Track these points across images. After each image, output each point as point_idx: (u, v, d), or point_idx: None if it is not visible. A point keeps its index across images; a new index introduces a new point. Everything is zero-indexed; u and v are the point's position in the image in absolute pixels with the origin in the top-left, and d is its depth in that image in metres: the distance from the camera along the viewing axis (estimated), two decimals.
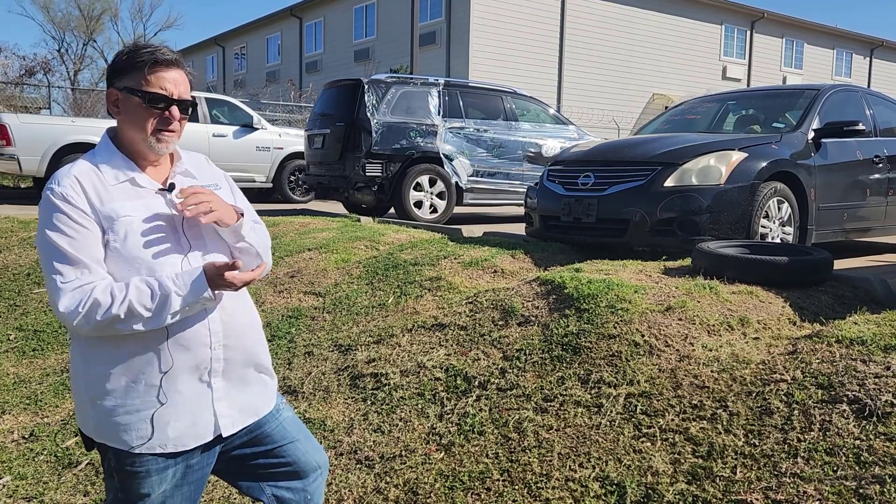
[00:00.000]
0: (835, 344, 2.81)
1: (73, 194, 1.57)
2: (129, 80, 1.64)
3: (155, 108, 1.63)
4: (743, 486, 2.26)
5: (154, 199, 1.66)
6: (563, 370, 3.14)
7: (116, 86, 1.66)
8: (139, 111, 1.64)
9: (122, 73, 1.65)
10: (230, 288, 1.61)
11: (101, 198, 1.60)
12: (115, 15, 38.51)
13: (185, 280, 1.56)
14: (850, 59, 30.75)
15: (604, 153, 5.46)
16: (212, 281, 1.58)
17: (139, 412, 1.63)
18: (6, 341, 4.93)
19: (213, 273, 1.58)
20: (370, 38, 24.86)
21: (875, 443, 2.25)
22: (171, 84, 1.65)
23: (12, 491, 3.10)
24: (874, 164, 5.80)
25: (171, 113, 1.66)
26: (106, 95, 1.69)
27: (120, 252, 1.59)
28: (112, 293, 1.53)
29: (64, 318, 1.54)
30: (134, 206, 1.62)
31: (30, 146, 9.02)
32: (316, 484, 1.94)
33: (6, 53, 19.73)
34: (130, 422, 1.63)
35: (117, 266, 1.59)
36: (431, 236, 5.92)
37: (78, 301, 1.52)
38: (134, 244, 1.59)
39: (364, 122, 8.01)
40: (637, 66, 24.25)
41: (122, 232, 1.59)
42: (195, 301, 1.57)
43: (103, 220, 1.59)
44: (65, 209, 1.56)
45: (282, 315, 4.59)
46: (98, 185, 1.61)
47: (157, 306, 1.54)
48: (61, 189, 1.57)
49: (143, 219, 1.62)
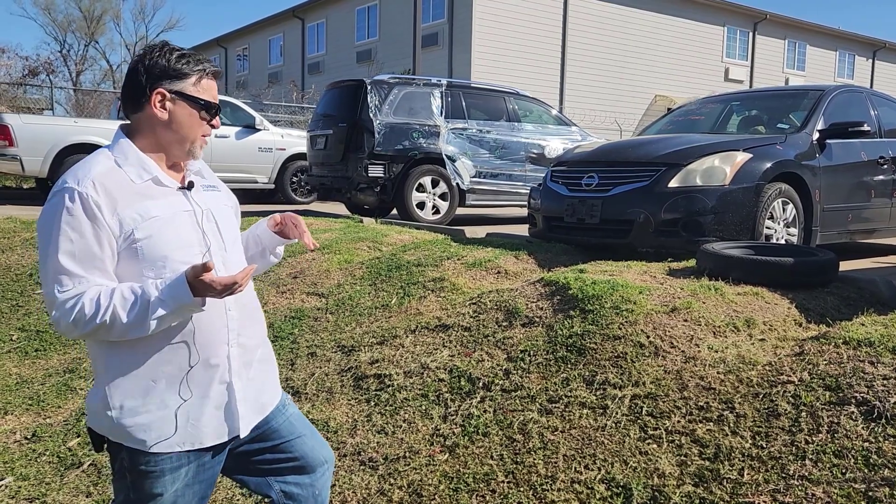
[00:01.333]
0: (842, 345, 2.79)
1: (94, 196, 1.53)
2: (181, 85, 1.66)
3: (206, 115, 1.70)
4: (750, 488, 2.25)
5: (176, 197, 1.67)
6: (568, 371, 3.13)
7: (167, 87, 1.64)
8: (194, 118, 1.68)
9: (170, 74, 1.64)
10: (212, 292, 1.53)
11: (125, 198, 1.57)
12: (117, 16, 38.60)
13: (168, 286, 1.53)
14: (852, 61, 30.70)
15: (608, 154, 5.45)
16: (194, 285, 1.52)
17: (159, 411, 1.63)
18: (9, 342, 4.92)
19: (192, 277, 1.53)
20: (372, 40, 24.87)
21: (884, 445, 2.23)
22: (216, 93, 1.74)
23: (14, 492, 3.09)
24: (879, 165, 5.78)
25: (216, 122, 1.75)
26: (145, 93, 1.63)
27: (144, 252, 1.58)
28: (99, 301, 1.51)
29: (55, 324, 1.55)
30: (158, 206, 1.62)
31: (32, 147, 9.02)
32: (323, 479, 1.96)
33: (9, 54, 19.74)
34: (149, 421, 1.63)
35: (138, 266, 1.57)
36: (434, 237, 5.91)
37: (70, 309, 1.52)
38: (161, 243, 1.59)
39: (366, 123, 8.00)
40: (639, 68, 24.23)
41: (149, 231, 1.58)
42: (177, 306, 1.53)
43: (128, 221, 1.56)
44: (77, 213, 1.52)
45: (285, 316, 4.57)
46: (122, 183, 1.59)
47: (139, 313, 1.52)
48: (81, 190, 1.53)
49: (169, 218, 1.62)
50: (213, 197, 1.79)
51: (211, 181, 1.84)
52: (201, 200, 1.72)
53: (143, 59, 1.66)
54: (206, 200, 1.75)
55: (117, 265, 1.58)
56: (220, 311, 1.67)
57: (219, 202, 1.80)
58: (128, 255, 1.57)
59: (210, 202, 1.75)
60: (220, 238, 1.72)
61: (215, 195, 1.80)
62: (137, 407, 1.62)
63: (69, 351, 4.64)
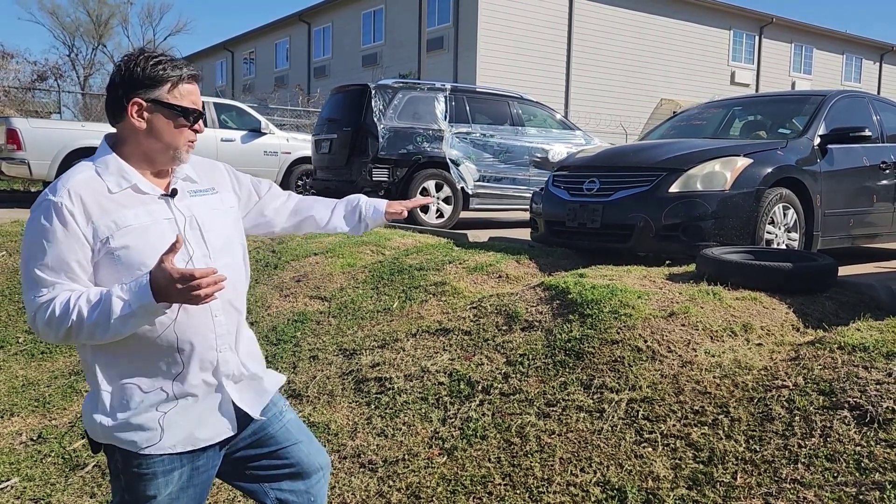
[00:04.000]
0: (837, 350, 2.81)
1: (68, 205, 1.56)
2: (157, 93, 1.64)
3: (191, 122, 1.68)
4: (743, 491, 2.27)
5: (157, 205, 1.67)
6: (566, 375, 3.15)
7: (142, 97, 1.63)
8: (174, 125, 1.66)
9: (149, 84, 1.63)
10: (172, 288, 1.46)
11: (101, 206, 1.59)
12: (124, 20, 38.85)
13: (131, 286, 1.51)
14: (859, 65, 30.61)
15: (609, 158, 5.47)
16: (157, 281, 1.47)
17: (149, 414, 1.66)
18: (15, 344, 4.98)
19: (157, 273, 1.47)
20: (378, 44, 24.95)
21: (876, 449, 2.25)
22: (196, 97, 1.70)
23: (20, 492, 3.13)
24: (881, 171, 5.79)
25: (200, 126, 1.71)
26: (123, 104, 1.63)
27: (122, 260, 1.59)
28: (68, 303, 1.52)
29: (34, 329, 1.58)
30: (136, 214, 1.62)
31: (40, 150, 9.10)
32: (319, 486, 1.96)
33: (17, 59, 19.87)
34: (140, 423, 1.65)
35: (118, 274, 1.58)
36: (437, 241, 5.94)
37: (43, 313, 1.54)
38: (139, 251, 1.59)
39: (371, 127, 8.05)
40: (645, 72, 24.24)
41: (125, 240, 1.59)
42: (139, 306, 1.49)
43: (102, 229, 1.58)
44: (51, 222, 1.55)
45: (287, 319, 4.61)
46: (99, 192, 1.60)
47: (102, 313, 1.50)
48: (57, 199, 1.56)
49: (146, 226, 1.62)
50: (202, 202, 1.76)
51: (205, 185, 1.81)
52: (185, 207, 1.70)
53: (119, 69, 1.66)
54: (192, 207, 1.72)
55: (98, 272, 1.59)
56: (206, 316, 1.67)
57: (208, 207, 1.77)
58: (107, 262, 1.59)
59: (196, 208, 1.73)
60: (205, 245, 1.70)
61: (205, 200, 1.77)
62: (127, 411, 1.65)
63: (75, 353, 4.69)
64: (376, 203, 2.17)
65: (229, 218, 1.83)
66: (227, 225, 1.81)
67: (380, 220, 2.16)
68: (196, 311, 1.64)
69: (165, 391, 1.67)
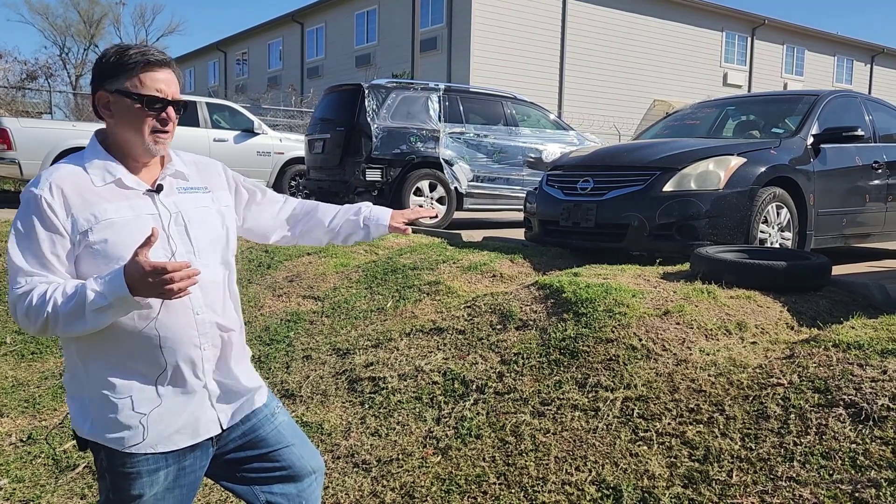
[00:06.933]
0: (832, 348, 2.81)
1: (48, 198, 1.55)
2: (121, 83, 1.61)
3: (151, 110, 1.63)
4: (739, 489, 2.26)
5: (141, 200, 1.64)
6: (561, 374, 3.14)
7: (107, 88, 1.63)
8: (135, 114, 1.62)
9: (111, 75, 1.62)
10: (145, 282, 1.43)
11: (84, 199, 1.58)
12: (116, 20, 38.67)
13: (105, 277, 1.49)
14: (851, 66, 30.77)
15: (603, 158, 5.47)
16: (131, 274, 1.45)
17: (133, 412, 1.63)
18: (4, 344, 4.94)
19: (131, 266, 1.45)
20: (371, 44, 24.92)
21: (871, 447, 2.25)
22: (164, 85, 1.64)
23: (9, 494, 3.10)
24: (873, 170, 5.81)
25: (168, 114, 1.65)
26: (94, 98, 1.65)
27: (101, 254, 1.57)
28: (45, 295, 1.50)
29: (15, 320, 1.57)
30: (117, 208, 1.60)
31: (31, 150, 9.05)
32: (311, 489, 1.92)
33: (7, 59, 19.74)
34: (124, 421, 1.63)
35: (99, 268, 1.56)
36: (431, 241, 5.92)
37: (22, 304, 1.52)
38: (119, 245, 1.57)
39: (364, 127, 8.03)
40: (638, 73, 24.29)
41: (104, 234, 1.57)
42: (114, 298, 1.46)
43: (82, 223, 1.56)
44: (31, 215, 1.55)
45: (280, 319, 4.59)
46: (82, 186, 1.59)
47: (77, 304, 1.48)
48: (38, 192, 1.55)
49: (128, 220, 1.60)
50: (191, 199, 1.73)
51: (197, 182, 1.78)
52: (171, 203, 1.68)
53: (93, 66, 1.68)
54: (179, 203, 1.69)
55: (79, 266, 1.58)
56: (187, 313, 1.64)
57: (197, 205, 1.74)
58: (87, 255, 1.57)
59: (184, 205, 1.70)
60: (189, 243, 1.67)
61: (194, 197, 1.74)
62: (110, 409, 1.62)
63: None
64: (380, 215, 2.10)
65: (220, 217, 1.80)
66: (216, 224, 1.77)
67: (382, 231, 2.12)
68: (178, 309, 1.62)
69: (148, 389, 1.64)
